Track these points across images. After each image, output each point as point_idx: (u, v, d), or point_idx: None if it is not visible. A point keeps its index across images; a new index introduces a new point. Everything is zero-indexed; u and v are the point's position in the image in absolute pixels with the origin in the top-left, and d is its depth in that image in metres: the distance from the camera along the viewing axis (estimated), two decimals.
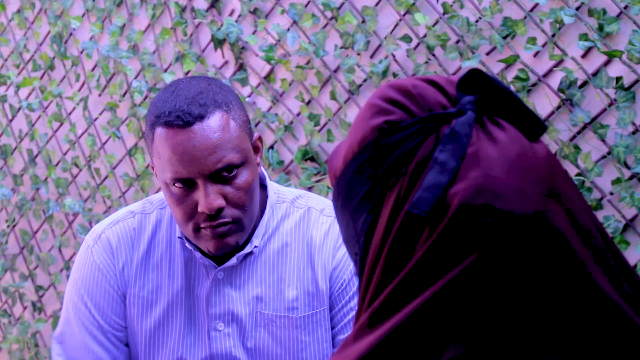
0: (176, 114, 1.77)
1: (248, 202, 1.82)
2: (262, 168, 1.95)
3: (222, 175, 1.79)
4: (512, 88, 2.80)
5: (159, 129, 1.79)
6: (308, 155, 3.24)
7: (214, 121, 1.78)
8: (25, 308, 4.11)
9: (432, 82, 1.12)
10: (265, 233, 1.92)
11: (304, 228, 1.94)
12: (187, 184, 1.80)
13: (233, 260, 1.89)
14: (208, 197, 1.78)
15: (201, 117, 1.77)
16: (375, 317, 1.06)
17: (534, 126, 1.10)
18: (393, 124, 1.10)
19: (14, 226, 4.12)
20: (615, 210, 2.71)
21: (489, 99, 1.09)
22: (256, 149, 1.88)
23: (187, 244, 1.90)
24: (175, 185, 1.80)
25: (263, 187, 1.95)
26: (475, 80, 1.10)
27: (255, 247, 1.90)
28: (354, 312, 1.91)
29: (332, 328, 1.95)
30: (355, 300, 1.91)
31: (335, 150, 1.17)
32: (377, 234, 1.09)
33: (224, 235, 1.82)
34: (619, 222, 2.69)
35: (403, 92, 1.11)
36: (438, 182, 1.04)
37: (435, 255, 1.04)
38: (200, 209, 1.79)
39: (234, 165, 1.80)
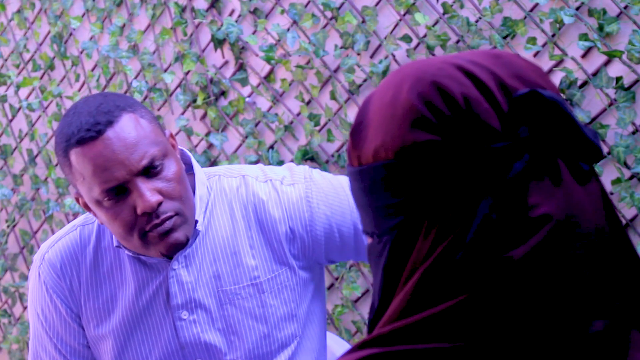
0: (85, 129, 1.77)
1: (182, 191, 1.81)
2: (187, 151, 1.94)
3: (149, 171, 1.78)
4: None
5: (73, 151, 1.78)
6: (308, 155, 3.24)
7: (124, 122, 1.78)
8: (25, 308, 4.11)
9: (483, 89, 1.04)
10: (206, 208, 1.90)
11: (244, 195, 1.92)
12: (119, 192, 1.78)
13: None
14: (144, 195, 1.77)
15: (110, 123, 1.77)
16: (394, 336, 1.03)
17: (590, 155, 1.05)
18: (436, 146, 1.03)
19: (14, 226, 4.12)
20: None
21: (544, 128, 1.03)
22: (172, 146, 1.87)
23: (127, 252, 1.88)
24: (107, 198, 1.78)
25: (191, 174, 1.94)
26: (532, 100, 1.03)
27: (196, 221, 1.87)
28: (357, 232, 1.92)
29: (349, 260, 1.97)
30: (349, 226, 1.92)
31: (366, 121, 1.09)
32: (411, 261, 1.05)
33: (171, 231, 1.81)
34: None
35: (451, 103, 1.03)
36: (493, 245, 1.01)
37: (478, 299, 1.01)
38: (139, 210, 1.78)
39: (157, 158, 1.79)
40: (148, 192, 1.77)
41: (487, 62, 1.06)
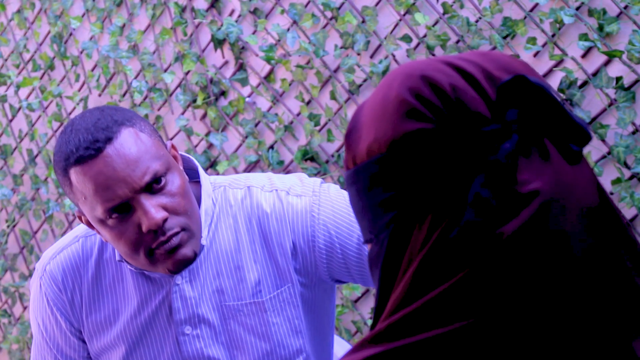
0: (84, 147, 1.71)
1: (188, 205, 1.77)
2: (194, 159, 1.90)
3: (152, 187, 1.74)
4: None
5: (73, 170, 1.73)
6: (308, 155, 3.24)
7: (124, 138, 1.72)
8: (25, 308, 4.11)
9: (470, 80, 1.06)
10: (211, 221, 1.86)
11: (249, 207, 1.87)
12: (123, 211, 1.74)
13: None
14: (149, 212, 1.72)
15: (109, 139, 1.71)
16: (394, 330, 1.03)
17: (578, 138, 1.07)
18: (427, 135, 1.04)
19: (14, 226, 4.12)
20: None
21: (532, 112, 1.05)
22: (174, 157, 1.82)
23: (129, 266, 1.85)
24: (112, 217, 1.74)
25: (196, 182, 1.90)
26: (519, 86, 1.05)
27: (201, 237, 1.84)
28: (362, 255, 1.84)
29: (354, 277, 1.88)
30: (354, 247, 1.85)
31: (359, 124, 1.11)
32: (408, 253, 1.05)
33: (178, 248, 1.77)
34: None
35: (440, 94, 1.05)
36: (482, 222, 1.02)
37: (469, 286, 1.02)
38: (145, 227, 1.73)
39: (160, 173, 1.74)
40: (153, 209, 1.72)
41: (475, 58, 1.09)
